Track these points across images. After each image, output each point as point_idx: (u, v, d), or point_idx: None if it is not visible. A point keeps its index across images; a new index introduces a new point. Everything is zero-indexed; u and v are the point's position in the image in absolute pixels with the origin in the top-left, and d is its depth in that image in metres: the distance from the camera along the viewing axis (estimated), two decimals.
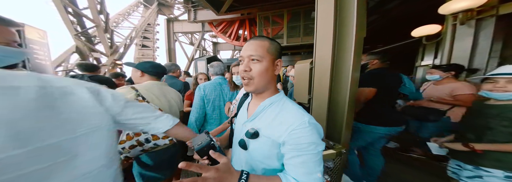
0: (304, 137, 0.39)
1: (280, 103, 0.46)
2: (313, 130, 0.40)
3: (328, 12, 1.04)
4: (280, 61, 0.46)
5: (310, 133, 0.39)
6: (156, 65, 0.99)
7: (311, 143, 0.39)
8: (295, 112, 0.43)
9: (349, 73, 1.00)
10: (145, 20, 9.01)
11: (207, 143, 0.41)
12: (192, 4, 6.09)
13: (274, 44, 0.45)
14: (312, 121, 0.41)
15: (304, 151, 0.39)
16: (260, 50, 0.42)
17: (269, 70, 0.44)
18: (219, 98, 1.17)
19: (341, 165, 1.00)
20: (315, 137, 0.40)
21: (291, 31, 4.97)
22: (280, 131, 0.41)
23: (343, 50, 1.03)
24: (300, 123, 0.39)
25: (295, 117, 0.41)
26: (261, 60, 0.42)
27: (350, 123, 1.07)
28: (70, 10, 4.48)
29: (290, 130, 0.40)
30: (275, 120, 0.43)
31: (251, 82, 0.43)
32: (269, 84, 0.46)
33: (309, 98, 1.29)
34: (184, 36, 9.68)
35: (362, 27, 1.00)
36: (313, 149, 0.39)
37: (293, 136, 0.39)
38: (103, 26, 5.18)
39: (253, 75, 0.43)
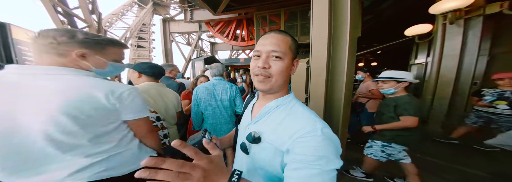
0: (314, 147, 0.32)
1: (288, 106, 0.41)
2: (326, 140, 0.32)
3: (323, 13, 1.07)
4: (297, 61, 0.42)
5: (322, 144, 0.32)
6: (152, 65, 0.97)
7: (321, 157, 0.31)
8: (305, 117, 0.37)
9: (344, 72, 1.04)
10: (140, 20, 8.87)
11: (199, 139, 0.42)
12: (188, 4, 6.04)
13: (295, 41, 0.41)
14: (327, 130, 0.34)
15: (310, 164, 0.31)
16: (283, 46, 0.38)
17: (288, 69, 0.39)
18: (210, 98, 1.19)
19: None
20: (329, 150, 0.32)
21: (288, 31, 4.99)
22: (284, 138, 0.35)
23: (338, 50, 1.06)
24: (310, 130, 0.33)
25: (304, 122, 0.35)
26: (283, 57, 0.38)
27: (346, 120, 1.10)
28: (60, 9, 4.35)
29: (295, 136, 0.34)
30: (280, 124, 0.38)
31: (267, 80, 0.38)
32: (285, 84, 0.41)
33: (306, 97, 1.32)
34: (181, 36, 9.58)
35: (356, 26, 1.03)
36: (324, 165, 0.31)
37: (299, 144, 0.33)
38: (95, 26, 5.07)
39: (272, 74, 0.38)
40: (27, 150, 0.43)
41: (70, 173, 0.46)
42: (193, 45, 9.01)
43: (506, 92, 1.54)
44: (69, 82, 0.46)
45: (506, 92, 1.54)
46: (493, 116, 1.59)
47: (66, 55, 0.49)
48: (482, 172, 1.40)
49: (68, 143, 0.45)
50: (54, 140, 0.43)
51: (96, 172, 0.49)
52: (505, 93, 1.54)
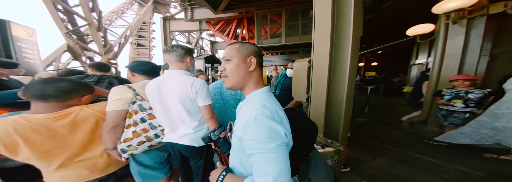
0: (251, 133, 0.37)
1: (253, 99, 0.46)
2: (259, 125, 0.37)
3: (326, 11, 1.05)
4: (252, 58, 0.48)
5: (255, 129, 0.37)
6: (142, 63, 0.99)
7: (257, 140, 0.36)
8: (253, 106, 0.41)
9: (346, 72, 1.02)
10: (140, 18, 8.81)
11: (206, 135, 0.61)
12: (189, 2, 5.99)
13: (245, 45, 0.50)
14: (260, 117, 0.38)
15: (253, 149, 0.37)
16: (230, 52, 0.48)
17: (239, 67, 0.47)
18: (218, 96, 1.22)
19: (339, 162, 1.02)
20: (262, 134, 0.36)
21: (289, 30, 4.97)
22: (239, 127, 0.42)
23: (341, 49, 1.04)
24: (249, 118, 0.38)
25: (249, 112, 0.40)
26: (231, 59, 0.48)
27: (347, 121, 1.09)
28: (60, 7, 4.32)
29: (243, 125, 0.39)
30: (242, 115, 0.44)
31: (227, 79, 0.48)
32: (245, 81, 0.48)
33: (307, 97, 1.31)
34: (181, 35, 9.52)
35: (359, 25, 1.02)
36: (261, 148, 0.36)
37: (244, 131, 0.39)
38: (95, 24, 5.03)
39: (227, 74, 0.48)
40: (175, 114, 0.85)
41: (192, 131, 0.87)
42: (193, 44, 8.96)
43: (461, 91, 1.80)
44: (182, 78, 0.84)
45: (461, 91, 1.80)
46: (451, 113, 1.83)
47: (182, 60, 0.88)
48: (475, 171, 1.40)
49: (189, 110, 0.85)
50: (185, 107, 0.84)
51: (192, 138, 0.87)
52: (460, 92, 1.79)
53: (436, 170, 1.48)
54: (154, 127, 0.88)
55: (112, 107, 0.78)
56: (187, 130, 0.87)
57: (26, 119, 0.61)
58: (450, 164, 1.54)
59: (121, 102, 0.80)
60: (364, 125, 2.90)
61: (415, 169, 1.50)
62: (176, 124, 0.87)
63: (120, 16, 10.11)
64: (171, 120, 0.87)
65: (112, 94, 0.81)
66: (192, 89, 0.82)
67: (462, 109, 1.76)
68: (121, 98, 0.80)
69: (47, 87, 0.63)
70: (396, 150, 1.90)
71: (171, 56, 0.86)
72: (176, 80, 0.84)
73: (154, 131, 0.88)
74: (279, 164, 0.36)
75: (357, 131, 2.51)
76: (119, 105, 0.79)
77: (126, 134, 0.82)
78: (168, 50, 0.86)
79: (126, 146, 0.81)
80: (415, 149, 1.88)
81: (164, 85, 0.85)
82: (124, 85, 0.86)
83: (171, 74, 0.87)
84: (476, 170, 1.42)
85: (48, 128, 0.63)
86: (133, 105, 0.82)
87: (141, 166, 0.89)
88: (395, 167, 1.54)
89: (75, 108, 0.71)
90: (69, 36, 4.62)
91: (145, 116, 0.86)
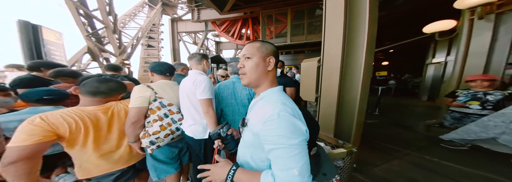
0: (274, 129, 0.39)
1: (269, 97, 0.48)
2: (282, 122, 0.38)
3: (338, 7, 1.00)
4: (271, 58, 0.49)
5: (278, 125, 0.38)
6: (160, 64, 1.08)
7: (280, 136, 0.38)
8: (272, 104, 0.43)
9: (361, 71, 0.96)
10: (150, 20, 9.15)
11: (216, 131, 0.60)
12: (195, 3, 6.11)
13: (265, 44, 0.51)
14: (284, 113, 0.39)
15: (274, 144, 0.39)
16: (251, 49, 0.49)
17: (259, 66, 0.48)
18: (231, 96, 1.22)
19: (351, 164, 0.96)
20: (285, 129, 0.38)
21: (295, 30, 4.89)
22: (257, 122, 0.43)
23: (355, 47, 0.99)
24: (271, 115, 0.40)
25: (270, 108, 0.41)
26: (251, 57, 0.49)
27: (361, 121, 1.03)
28: (82, 12, 4.62)
29: (263, 121, 0.41)
30: (258, 112, 0.46)
31: (244, 77, 0.50)
32: (262, 79, 0.50)
33: (316, 97, 1.26)
34: (188, 35, 9.76)
35: (374, 21, 0.95)
36: (285, 143, 0.38)
37: (265, 127, 0.40)
38: (111, 27, 5.32)
39: (245, 71, 0.49)
40: (184, 108, 0.99)
41: (192, 122, 0.97)
42: (199, 44, 9.15)
43: (479, 92, 1.64)
44: (193, 76, 0.98)
45: (478, 92, 1.64)
46: (465, 116, 1.68)
47: (200, 63, 1.07)
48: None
49: (193, 103, 0.96)
50: (190, 101, 0.97)
51: (193, 129, 0.96)
52: (478, 94, 1.64)
53: (457, 175, 1.36)
54: (175, 121, 0.99)
55: (135, 104, 0.88)
56: (191, 121, 0.99)
57: (80, 110, 0.73)
58: (473, 169, 1.41)
59: (142, 99, 0.90)
60: (375, 126, 2.76)
61: (433, 174, 1.39)
62: (186, 115, 1.02)
63: (132, 19, 10.59)
64: (183, 112, 1.03)
65: (134, 92, 0.91)
66: (194, 84, 0.95)
67: (478, 111, 1.59)
68: (141, 96, 0.90)
69: (101, 86, 0.78)
70: (411, 154, 1.78)
71: (193, 61, 1.08)
72: (188, 79, 1.00)
73: (175, 125, 0.99)
74: (302, 159, 0.38)
75: (367, 133, 2.39)
76: (140, 102, 0.89)
77: (154, 128, 0.92)
78: (191, 56, 1.09)
79: (155, 138, 0.91)
80: (432, 152, 1.75)
81: (184, 82, 1.03)
82: (144, 85, 0.97)
83: (190, 74, 1.06)
84: (505, 177, 1.28)
85: (96, 118, 0.76)
86: (155, 102, 0.93)
87: (155, 161, 0.99)
88: (410, 171, 1.44)
89: (112, 103, 0.85)
90: (89, 39, 4.93)
91: (167, 111, 0.96)
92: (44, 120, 0.62)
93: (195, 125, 0.97)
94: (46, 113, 0.66)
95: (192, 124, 0.98)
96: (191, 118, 0.99)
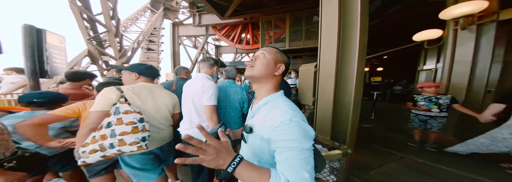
0: (286, 133, 0.40)
1: (274, 102, 0.49)
2: (295, 127, 0.40)
3: (333, 17, 1.09)
4: (282, 65, 0.51)
5: (291, 130, 0.40)
6: (149, 66, 0.97)
7: (293, 140, 0.39)
8: (281, 109, 0.44)
9: (354, 76, 1.03)
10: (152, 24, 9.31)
11: (214, 130, 0.55)
12: (197, 9, 6.31)
13: (282, 53, 0.53)
14: (295, 119, 0.41)
15: (287, 148, 0.40)
16: (269, 50, 0.52)
17: (270, 66, 0.50)
18: (223, 99, 1.26)
19: (347, 165, 1.00)
20: (298, 134, 0.39)
21: (293, 35, 5.07)
22: (266, 127, 0.43)
23: (348, 54, 1.07)
24: (282, 120, 0.41)
25: (279, 114, 0.43)
26: (266, 56, 0.51)
27: (355, 124, 1.08)
28: (85, 16, 4.70)
29: (274, 126, 0.41)
30: (265, 117, 0.46)
31: (251, 68, 0.50)
32: (265, 79, 0.50)
33: (313, 100, 1.32)
34: (188, 39, 9.91)
35: (365, 31, 1.04)
36: (297, 146, 0.39)
37: (276, 132, 0.41)
38: (114, 31, 5.38)
39: (255, 64, 0.50)
40: (186, 110, 1.06)
41: (189, 126, 1.03)
42: (199, 48, 9.28)
43: (431, 97, 1.91)
44: (198, 81, 1.05)
45: (431, 97, 1.91)
46: (430, 118, 1.93)
47: (211, 68, 1.13)
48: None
49: (196, 107, 1.03)
50: (194, 105, 1.03)
51: (190, 133, 0.96)
52: (432, 98, 1.90)
53: (451, 179, 1.40)
54: (114, 134, 0.74)
55: (95, 107, 0.76)
56: (188, 125, 0.99)
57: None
58: (464, 172, 1.46)
59: (104, 102, 0.77)
60: (371, 130, 2.81)
61: (427, 177, 1.43)
62: (185, 118, 1.02)
63: (134, 23, 10.75)
64: (184, 114, 1.02)
65: (99, 94, 0.79)
66: (201, 89, 0.97)
67: (438, 114, 1.88)
68: (105, 98, 0.78)
69: None
70: (406, 157, 1.83)
71: (205, 64, 1.11)
72: (195, 82, 1.03)
73: (111, 139, 0.74)
74: (311, 161, 0.40)
75: (364, 137, 2.44)
76: (101, 105, 0.76)
77: (87, 139, 0.74)
78: (204, 59, 1.14)
79: (82, 151, 0.73)
80: (427, 156, 1.80)
81: (189, 84, 1.06)
82: (113, 86, 0.83)
83: (197, 77, 1.07)
84: (494, 180, 1.34)
85: None
86: (113, 106, 0.77)
87: (130, 168, 0.88)
88: (405, 174, 1.48)
89: None
90: (90, 42, 4.97)
91: (114, 120, 0.75)
92: None
93: (192, 129, 0.97)
94: None
95: (189, 127, 0.98)
96: (189, 122, 0.99)
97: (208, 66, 1.10)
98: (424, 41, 2.58)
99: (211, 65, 1.10)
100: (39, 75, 1.64)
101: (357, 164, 1.64)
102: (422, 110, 1.94)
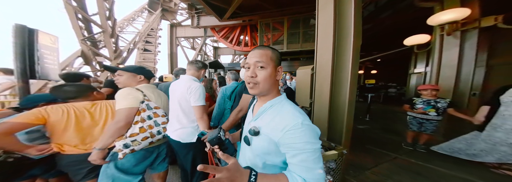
0: (299, 137, 0.42)
1: (279, 105, 0.50)
2: (307, 130, 0.43)
3: (328, 21, 1.14)
4: (280, 68, 0.52)
5: (304, 133, 0.42)
6: (148, 70, 1.10)
7: (307, 142, 0.42)
8: (291, 113, 0.46)
9: (348, 79, 1.08)
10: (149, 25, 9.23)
11: (216, 135, 0.55)
12: (196, 10, 6.35)
13: (276, 52, 0.51)
14: (306, 122, 0.44)
15: (301, 150, 0.42)
16: (265, 58, 0.48)
17: (272, 76, 0.49)
18: (220, 101, 1.44)
19: (342, 165, 1.04)
20: (310, 136, 0.43)
21: (291, 38, 5.18)
22: (276, 131, 0.45)
23: (343, 57, 1.12)
24: (294, 124, 0.43)
25: (290, 118, 0.45)
26: (266, 67, 0.48)
27: (350, 125, 1.13)
28: (80, 16, 4.62)
29: (285, 130, 0.43)
30: (273, 120, 0.47)
31: (256, 86, 0.49)
32: (272, 88, 0.51)
33: (310, 102, 1.36)
34: (186, 40, 9.89)
35: (358, 35, 1.10)
36: (310, 148, 0.42)
37: (287, 135, 0.43)
38: (109, 31, 5.30)
39: (258, 81, 0.48)
40: (172, 112, 1.04)
41: (179, 127, 1.01)
42: (197, 49, 9.26)
43: (430, 100, 1.91)
44: (184, 83, 1.05)
45: (430, 100, 1.91)
46: (427, 121, 1.95)
47: (198, 71, 1.14)
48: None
49: (183, 109, 1.02)
50: (181, 106, 1.02)
51: (179, 133, 0.99)
52: (431, 101, 1.90)
53: (440, 178, 1.46)
54: (158, 124, 0.97)
55: (125, 104, 0.85)
56: (178, 126, 0.99)
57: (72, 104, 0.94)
58: (453, 172, 1.53)
59: (132, 100, 0.88)
60: (366, 131, 2.88)
61: (419, 177, 1.49)
62: (172, 120, 1.03)
63: (130, 23, 10.63)
64: (171, 116, 1.05)
65: (124, 93, 0.89)
66: (188, 91, 0.99)
67: (435, 117, 1.89)
68: (133, 97, 0.90)
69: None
70: (399, 157, 1.89)
71: (193, 66, 1.12)
72: (181, 83, 1.04)
73: (157, 128, 0.97)
74: (321, 158, 0.44)
75: (359, 138, 2.50)
76: (131, 103, 0.87)
77: (133, 130, 0.88)
78: (192, 62, 1.15)
79: (131, 140, 0.86)
80: (418, 157, 1.87)
81: (175, 86, 1.08)
82: (132, 87, 0.96)
83: (183, 79, 1.09)
84: (480, 179, 1.41)
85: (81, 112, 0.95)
86: (142, 104, 0.92)
87: (117, 170, 0.88)
88: (398, 174, 1.54)
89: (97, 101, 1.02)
90: (84, 43, 4.86)
91: (151, 114, 0.95)
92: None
93: (182, 129, 0.98)
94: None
95: (179, 128, 0.98)
96: (178, 122, 0.99)
97: (196, 68, 1.12)
98: (414, 45, 2.71)
99: (198, 68, 1.12)
100: (29, 76, 1.60)
101: (352, 164, 1.68)
102: (419, 113, 1.94)
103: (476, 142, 1.57)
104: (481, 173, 1.49)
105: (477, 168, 1.57)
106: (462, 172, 1.51)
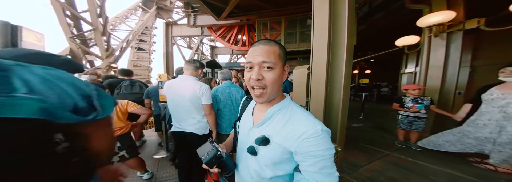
0: (319, 144, 0.39)
1: (288, 109, 0.45)
2: (325, 137, 0.40)
3: (324, 21, 1.18)
4: (287, 67, 0.44)
5: (323, 140, 0.40)
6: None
7: (326, 149, 0.40)
8: (305, 119, 0.42)
9: (342, 79, 1.13)
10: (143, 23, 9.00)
11: (214, 154, 0.44)
12: (192, 9, 6.26)
13: (283, 48, 0.43)
14: (324, 128, 0.41)
15: (322, 157, 0.40)
16: (273, 56, 0.40)
17: (280, 77, 0.42)
18: (227, 98, 1.47)
19: (337, 162, 1.08)
20: (329, 142, 0.41)
21: (288, 37, 5.23)
22: (290, 139, 0.41)
23: (337, 58, 1.16)
24: (313, 132, 0.39)
25: (307, 125, 0.41)
26: (274, 67, 0.40)
27: (344, 123, 1.18)
28: (68, 13, 4.44)
29: (302, 138, 0.40)
30: (285, 127, 0.42)
31: (264, 92, 0.41)
32: (279, 91, 0.45)
33: (306, 101, 1.40)
34: (182, 39, 9.74)
35: (352, 36, 1.15)
36: (329, 154, 0.41)
37: (306, 144, 0.40)
38: (101, 29, 5.13)
39: (266, 84, 0.40)
40: (183, 109, 1.16)
41: (196, 121, 1.19)
42: (194, 48, 9.15)
43: (417, 99, 2.00)
44: (192, 83, 1.15)
45: (417, 99, 2.00)
46: (418, 119, 2.01)
47: (196, 70, 1.20)
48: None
49: (196, 106, 1.15)
50: (193, 104, 1.14)
51: (197, 127, 1.18)
52: (418, 100, 2.00)
53: (428, 173, 1.55)
54: None
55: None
56: (192, 121, 1.17)
57: None
58: (440, 167, 1.63)
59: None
60: (360, 130, 2.98)
61: (409, 172, 1.57)
62: (183, 117, 1.16)
63: (123, 21, 10.31)
64: (178, 113, 1.16)
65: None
66: (199, 91, 1.13)
67: (424, 115, 1.99)
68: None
69: None
70: (390, 154, 1.98)
71: (190, 66, 1.19)
72: (188, 84, 1.13)
73: None
74: (334, 163, 0.43)
75: (354, 136, 2.58)
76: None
77: None
78: (190, 61, 1.21)
79: None
80: (408, 153, 1.96)
81: (176, 86, 1.15)
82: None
83: (184, 79, 1.16)
84: (464, 173, 1.51)
85: None
86: None
87: None
88: (390, 170, 1.61)
89: None
90: (73, 41, 4.68)
91: None
92: None
93: (198, 123, 1.17)
94: None
95: (195, 122, 1.16)
96: (192, 118, 1.16)
97: (194, 68, 1.18)
98: (405, 46, 2.83)
99: (196, 68, 1.19)
100: None
101: (347, 161, 1.75)
102: (413, 112, 1.98)
103: (446, 135, 1.71)
104: (465, 168, 1.60)
105: (461, 163, 1.68)
106: (449, 167, 1.61)
